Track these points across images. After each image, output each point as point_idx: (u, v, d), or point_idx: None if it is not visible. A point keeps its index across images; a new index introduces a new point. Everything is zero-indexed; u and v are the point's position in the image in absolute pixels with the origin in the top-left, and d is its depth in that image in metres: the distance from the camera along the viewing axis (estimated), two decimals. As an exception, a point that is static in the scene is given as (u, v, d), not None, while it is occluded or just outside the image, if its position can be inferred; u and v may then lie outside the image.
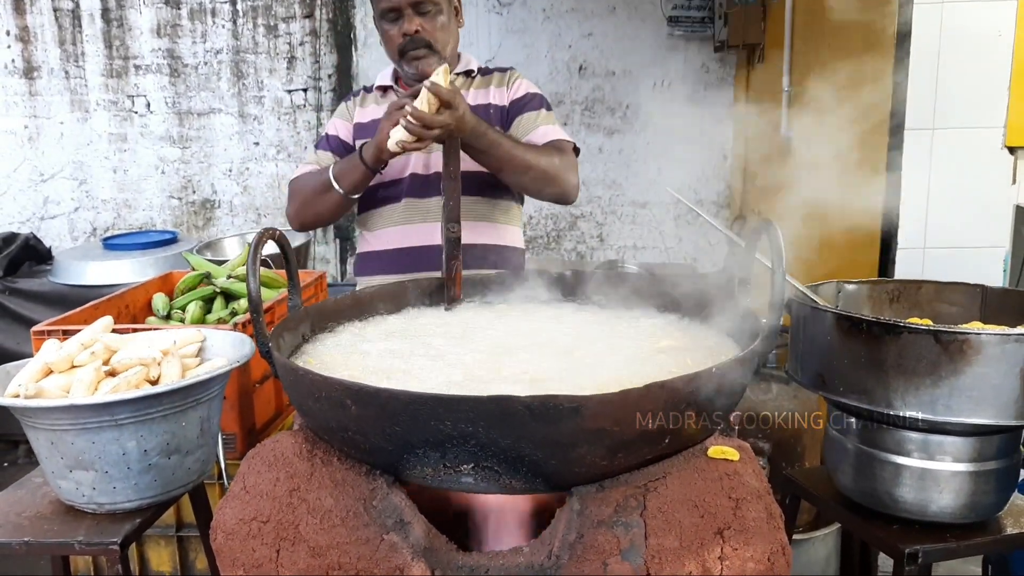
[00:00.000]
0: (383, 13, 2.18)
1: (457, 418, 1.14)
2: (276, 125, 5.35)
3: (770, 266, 1.37)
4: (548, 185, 2.15)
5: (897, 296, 2.03)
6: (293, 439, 1.40)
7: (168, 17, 5.23)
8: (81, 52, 5.27)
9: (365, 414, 1.22)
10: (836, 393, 1.72)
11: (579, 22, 5.22)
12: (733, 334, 1.59)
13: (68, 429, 1.64)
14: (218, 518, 1.31)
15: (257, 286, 1.43)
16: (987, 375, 1.55)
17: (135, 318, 2.58)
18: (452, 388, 1.37)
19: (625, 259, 5.42)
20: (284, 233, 1.56)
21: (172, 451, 1.72)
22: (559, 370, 1.44)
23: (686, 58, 5.22)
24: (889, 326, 1.61)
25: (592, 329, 1.71)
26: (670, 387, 1.19)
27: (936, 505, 1.68)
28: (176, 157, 5.41)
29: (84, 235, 5.50)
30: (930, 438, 1.66)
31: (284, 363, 1.34)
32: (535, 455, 1.17)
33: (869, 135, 3.03)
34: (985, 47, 2.70)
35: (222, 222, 5.49)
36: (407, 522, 1.25)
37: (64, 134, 5.36)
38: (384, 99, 2.34)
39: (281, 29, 5.24)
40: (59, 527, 1.70)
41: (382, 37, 2.25)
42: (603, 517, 1.21)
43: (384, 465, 1.29)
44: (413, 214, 2.28)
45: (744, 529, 1.21)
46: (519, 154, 2.10)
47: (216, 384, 1.79)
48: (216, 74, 5.30)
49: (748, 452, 1.37)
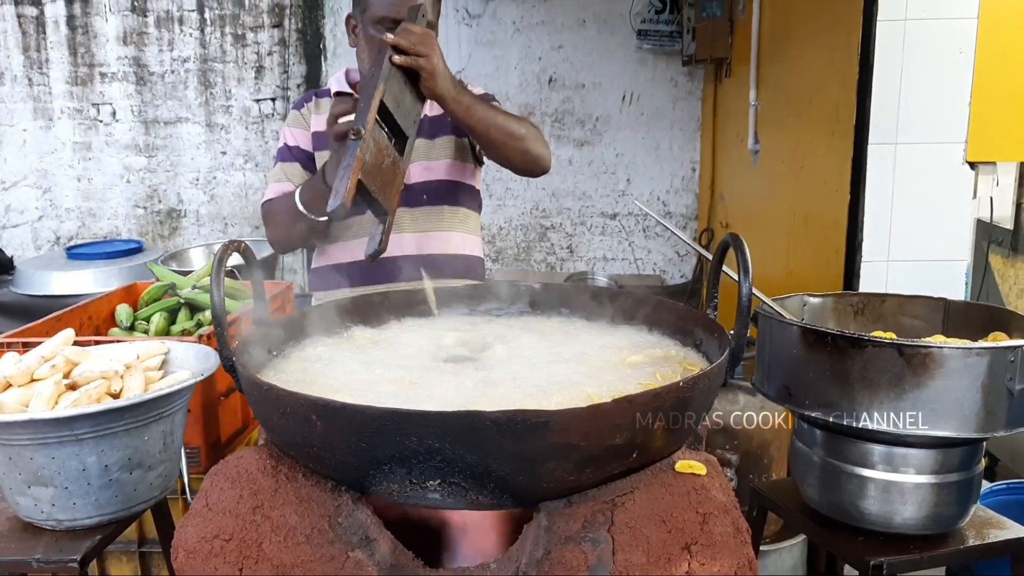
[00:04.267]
0: (379, 20, 2.13)
1: (423, 433, 1.14)
2: (244, 134, 5.31)
3: (737, 279, 1.38)
4: (529, 145, 2.14)
5: (861, 309, 2.05)
6: (257, 455, 1.38)
7: (134, 25, 5.18)
8: (45, 59, 5.21)
9: (331, 429, 1.20)
10: (802, 406, 1.73)
11: (549, 35, 5.25)
12: (700, 347, 1.60)
13: (27, 444, 1.60)
14: (179, 536, 1.29)
15: (221, 298, 1.41)
16: (949, 388, 1.58)
17: (98, 329, 2.54)
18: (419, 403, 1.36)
19: (595, 271, 5.45)
20: (249, 245, 1.54)
21: (134, 466, 1.69)
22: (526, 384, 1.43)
23: (655, 72, 5.26)
24: (853, 339, 1.63)
25: (559, 342, 1.71)
26: (638, 401, 1.20)
27: (900, 517, 1.70)
28: (142, 166, 5.35)
29: (47, 244, 5.42)
30: (894, 450, 1.68)
31: (248, 377, 1.33)
32: (502, 470, 1.17)
33: (833, 149, 3.08)
34: (947, 64, 2.75)
35: (188, 232, 5.43)
36: (373, 539, 1.24)
37: (27, 142, 5.28)
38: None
39: (249, 38, 5.21)
40: (16, 544, 1.66)
41: (364, 42, 2.19)
42: (571, 533, 1.21)
43: (350, 481, 1.28)
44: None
45: (711, 544, 1.21)
46: (499, 115, 2.10)
47: (180, 398, 1.77)
48: (183, 83, 5.25)
49: (715, 466, 1.37)
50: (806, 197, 3.44)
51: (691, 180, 5.41)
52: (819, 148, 3.28)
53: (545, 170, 2.21)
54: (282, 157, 2.32)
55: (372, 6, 2.15)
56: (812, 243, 3.37)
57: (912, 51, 2.75)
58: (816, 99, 3.33)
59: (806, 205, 3.45)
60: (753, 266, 1.36)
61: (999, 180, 2.84)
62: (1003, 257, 3.32)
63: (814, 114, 3.34)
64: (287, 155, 2.31)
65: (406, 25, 1.91)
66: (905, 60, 2.75)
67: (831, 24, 3.15)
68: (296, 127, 2.34)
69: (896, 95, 2.77)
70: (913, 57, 2.75)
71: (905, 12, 2.73)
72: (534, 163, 2.18)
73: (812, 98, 3.38)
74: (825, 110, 3.19)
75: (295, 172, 2.27)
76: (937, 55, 2.76)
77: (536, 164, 2.18)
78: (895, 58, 2.76)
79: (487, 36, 5.22)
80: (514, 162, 2.17)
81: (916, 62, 2.75)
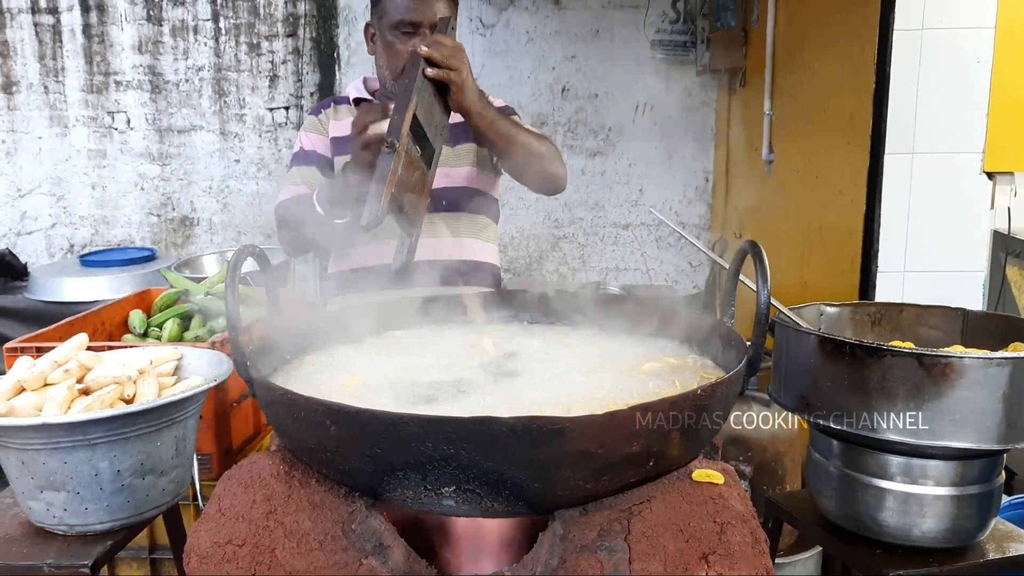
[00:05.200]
0: (397, 25, 2.14)
1: (439, 439, 1.13)
2: (257, 143, 5.32)
3: (753, 288, 1.36)
4: (548, 165, 2.15)
5: (879, 319, 2.03)
6: (270, 460, 1.37)
7: (150, 34, 5.21)
8: (61, 67, 5.23)
9: (345, 435, 1.20)
10: (819, 416, 1.71)
11: (563, 44, 5.24)
12: (717, 356, 1.59)
13: (40, 449, 1.60)
14: (192, 541, 1.28)
15: (235, 303, 1.41)
16: (969, 399, 1.55)
17: (111, 335, 2.54)
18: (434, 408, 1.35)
19: (607, 281, 5.43)
20: (264, 251, 1.54)
21: (146, 472, 1.69)
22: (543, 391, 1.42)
23: (668, 82, 5.25)
24: (872, 349, 1.60)
25: (576, 350, 1.70)
26: (655, 409, 1.18)
27: (919, 529, 1.67)
28: (156, 174, 5.36)
29: (61, 251, 5.43)
30: (913, 462, 1.66)
31: (262, 382, 1.32)
32: (518, 477, 1.15)
33: (849, 158, 3.06)
34: (964, 73, 2.74)
35: (201, 240, 5.44)
36: (386, 546, 1.23)
37: (42, 149, 5.30)
38: None
39: (264, 47, 5.22)
40: (28, 549, 1.66)
41: (383, 47, 2.21)
42: (586, 541, 1.19)
43: (364, 487, 1.27)
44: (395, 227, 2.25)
45: (729, 554, 1.19)
46: (521, 132, 2.11)
47: (192, 403, 1.76)
48: (197, 91, 5.27)
49: (732, 475, 1.36)
50: (821, 207, 3.43)
51: (704, 190, 5.39)
52: (834, 158, 3.26)
53: (560, 190, 2.23)
54: (298, 161, 2.31)
55: (389, 12, 2.15)
56: (827, 254, 3.35)
57: (929, 60, 2.74)
58: (831, 108, 3.32)
59: (821, 215, 3.43)
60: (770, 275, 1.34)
61: (1017, 190, 2.82)
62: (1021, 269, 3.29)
63: (829, 124, 3.33)
64: (304, 159, 2.31)
65: (438, 37, 1.91)
66: (922, 69, 2.74)
67: (846, 33, 3.13)
68: (313, 132, 2.34)
69: (913, 104, 2.76)
70: (930, 66, 2.74)
71: (922, 22, 2.72)
72: (552, 183, 2.20)
73: (827, 107, 3.36)
74: (840, 120, 3.17)
75: (312, 175, 2.27)
76: (954, 64, 2.74)
77: (553, 184, 2.20)
78: (912, 67, 2.75)
79: (500, 46, 5.22)
80: (532, 180, 2.18)
81: (933, 71, 2.74)
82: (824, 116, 3.39)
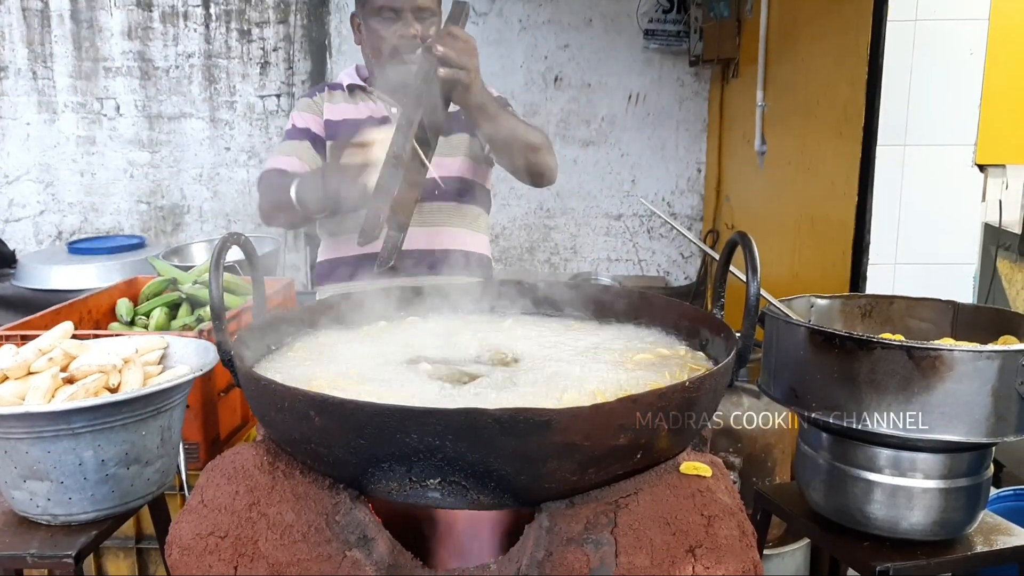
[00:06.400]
0: (378, 11, 2.13)
1: (424, 431, 1.11)
2: (248, 131, 5.29)
3: (744, 279, 1.35)
4: (542, 158, 2.14)
5: (869, 311, 2.02)
6: (254, 451, 1.36)
7: (139, 20, 5.16)
8: (50, 53, 5.19)
9: (329, 426, 1.18)
10: (808, 408, 1.71)
11: (555, 34, 5.22)
12: (706, 347, 1.58)
13: (23, 438, 1.58)
14: (174, 532, 1.27)
15: (219, 292, 1.39)
16: (959, 392, 1.55)
17: (99, 323, 2.52)
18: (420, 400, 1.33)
19: (598, 271, 5.42)
20: (249, 238, 1.52)
21: (131, 461, 1.67)
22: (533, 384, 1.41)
23: (661, 72, 5.24)
24: (862, 341, 1.60)
25: (566, 340, 1.69)
26: (643, 401, 1.17)
27: (907, 522, 1.67)
28: (145, 161, 5.32)
29: (49, 239, 5.40)
30: (901, 454, 1.65)
31: (246, 372, 1.31)
32: (503, 470, 1.14)
33: (841, 150, 3.05)
34: (957, 65, 2.73)
35: (191, 228, 5.41)
36: (371, 538, 1.22)
37: (30, 135, 5.26)
38: (354, 99, 2.31)
39: (255, 34, 5.19)
40: (11, 539, 1.64)
41: (367, 35, 2.20)
42: (573, 534, 1.18)
43: (348, 479, 1.26)
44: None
45: (716, 547, 1.19)
46: (520, 126, 2.11)
47: (178, 393, 1.75)
48: (187, 78, 5.23)
49: (720, 468, 1.35)
50: (813, 198, 3.42)
51: (696, 181, 5.39)
52: (827, 149, 3.25)
53: (551, 182, 2.23)
54: (291, 136, 2.30)
55: None
56: (818, 245, 3.34)
57: (922, 52, 2.72)
58: (824, 100, 3.30)
59: (813, 207, 3.42)
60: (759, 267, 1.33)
61: (1008, 183, 2.82)
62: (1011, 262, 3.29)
63: (822, 115, 3.32)
64: (297, 134, 2.30)
65: (452, 29, 1.88)
66: (915, 61, 2.73)
67: (840, 24, 3.12)
68: (308, 111, 2.33)
69: (905, 96, 2.75)
70: (923, 58, 2.73)
71: (916, 13, 2.71)
72: (543, 175, 2.19)
73: (820, 99, 3.35)
74: (833, 111, 3.16)
75: (304, 149, 2.26)
76: (947, 56, 2.73)
77: (544, 176, 2.20)
78: (905, 59, 2.74)
79: (493, 35, 5.19)
80: (524, 172, 2.18)
81: (926, 63, 2.73)
82: (817, 107, 3.38)
